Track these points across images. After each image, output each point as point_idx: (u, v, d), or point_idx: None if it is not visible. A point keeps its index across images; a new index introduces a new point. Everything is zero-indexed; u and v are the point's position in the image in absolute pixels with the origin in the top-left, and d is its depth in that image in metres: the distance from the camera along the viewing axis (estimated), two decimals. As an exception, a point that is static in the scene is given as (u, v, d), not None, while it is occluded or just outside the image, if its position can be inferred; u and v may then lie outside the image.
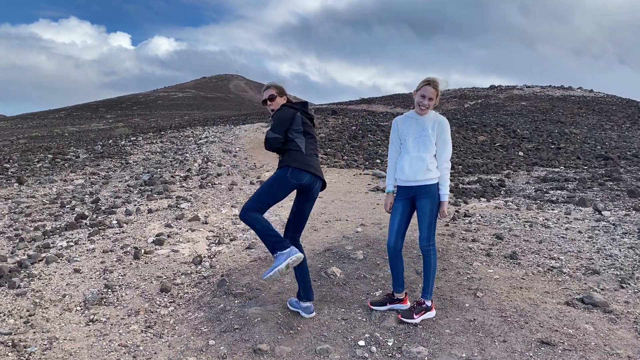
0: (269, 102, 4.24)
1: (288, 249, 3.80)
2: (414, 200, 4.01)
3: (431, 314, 4.05)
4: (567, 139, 18.25)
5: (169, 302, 4.71)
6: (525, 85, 42.60)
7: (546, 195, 9.39)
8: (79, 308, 4.55)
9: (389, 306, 4.18)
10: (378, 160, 13.40)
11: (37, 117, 49.54)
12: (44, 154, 15.71)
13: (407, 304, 4.20)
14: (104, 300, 4.71)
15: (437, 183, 3.94)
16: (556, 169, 12.76)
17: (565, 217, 7.41)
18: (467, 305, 4.24)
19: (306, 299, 4.20)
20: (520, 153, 15.68)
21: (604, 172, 11.91)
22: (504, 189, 10.27)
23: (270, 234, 3.85)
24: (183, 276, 5.33)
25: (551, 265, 5.21)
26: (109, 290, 4.93)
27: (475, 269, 5.10)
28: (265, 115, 29.39)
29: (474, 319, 3.98)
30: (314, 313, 4.20)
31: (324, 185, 4.19)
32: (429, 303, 4.04)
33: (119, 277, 5.29)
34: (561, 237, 6.24)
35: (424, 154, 3.91)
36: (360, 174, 11.74)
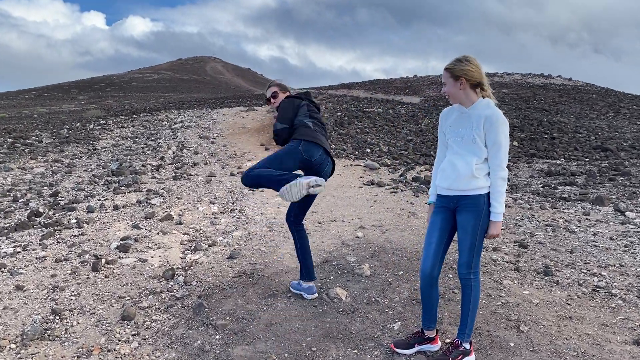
0: (272, 100, 4.13)
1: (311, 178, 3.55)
2: (455, 213, 3.08)
3: (470, 359, 3.15)
4: (558, 128, 17.57)
5: (132, 335, 3.71)
6: (505, 72, 42.03)
7: (556, 191, 8.60)
8: (13, 345, 3.50)
9: (417, 348, 3.26)
10: (368, 150, 12.45)
11: (6, 97, 47.11)
12: (4, 138, 14.36)
13: (438, 344, 3.30)
14: (48, 332, 3.67)
15: (486, 194, 3.01)
16: (557, 161, 12.01)
17: (586, 219, 6.61)
18: (511, 344, 3.36)
19: (309, 278, 4.11)
20: (515, 143, 14.93)
21: (607, 165, 11.21)
22: (507, 183, 9.45)
23: (282, 175, 3.55)
24: (151, 296, 4.33)
25: (595, 284, 4.37)
26: (57, 317, 3.89)
27: (507, 289, 4.23)
28: (243, 98, 28.23)
29: (527, 368, 3.09)
30: (316, 294, 4.10)
31: (333, 169, 3.99)
32: (467, 345, 3.14)
33: (72, 296, 4.27)
34: (592, 245, 5.42)
35: (470, 157, 2.98)
36: (350, 165, 10.80)
